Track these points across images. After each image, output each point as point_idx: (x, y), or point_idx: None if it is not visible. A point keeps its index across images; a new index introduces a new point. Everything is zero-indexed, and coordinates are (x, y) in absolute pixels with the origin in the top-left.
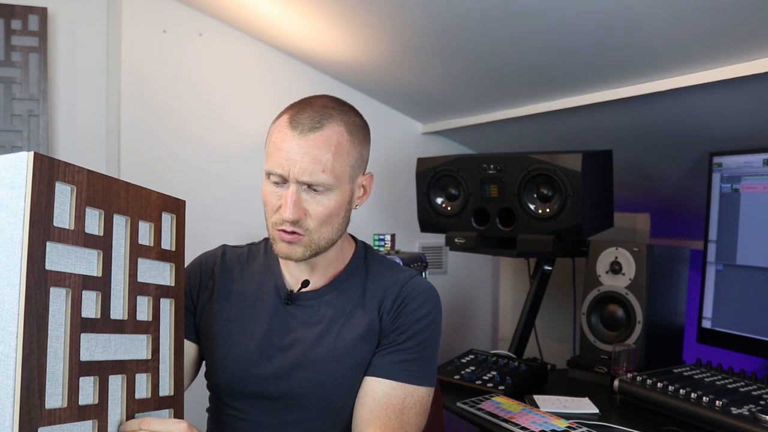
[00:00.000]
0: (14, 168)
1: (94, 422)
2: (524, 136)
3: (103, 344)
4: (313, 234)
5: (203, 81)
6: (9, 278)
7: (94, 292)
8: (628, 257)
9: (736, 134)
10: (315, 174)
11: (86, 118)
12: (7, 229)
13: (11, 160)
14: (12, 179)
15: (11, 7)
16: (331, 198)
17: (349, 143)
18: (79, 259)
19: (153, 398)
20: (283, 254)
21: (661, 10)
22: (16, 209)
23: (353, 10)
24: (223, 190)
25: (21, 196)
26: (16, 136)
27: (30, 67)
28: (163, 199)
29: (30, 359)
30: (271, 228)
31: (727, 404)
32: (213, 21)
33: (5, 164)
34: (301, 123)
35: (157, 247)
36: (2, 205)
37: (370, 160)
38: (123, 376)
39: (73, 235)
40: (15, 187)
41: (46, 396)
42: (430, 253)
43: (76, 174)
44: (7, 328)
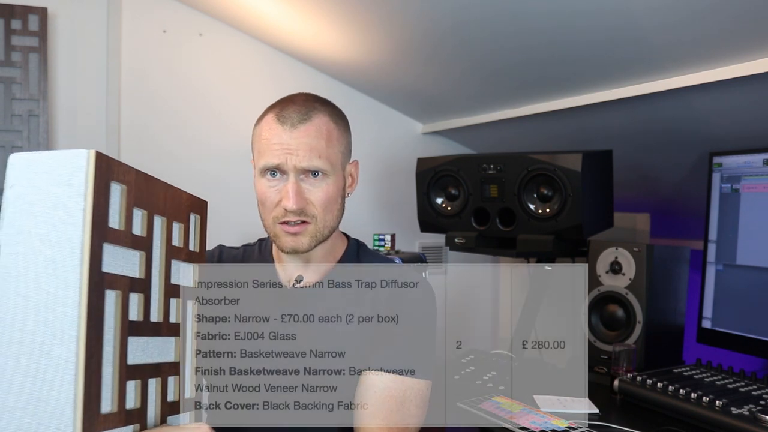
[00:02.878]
0: (72, 165)
1: (136, 426)
2: (524, 136)
3: (143, 347)
4: (318, 221)
5: (203, 81)
6: (68, 280)
7: (138, 294)
8: (628, 257)
9: (736, 134)
10: (313, 160)
11: (86, 118)
12: (65, 229)
13: (69, 158)
14: (69, 177)
15: (11, 7)
16: (329, 183)
17: (336, 131)
18: (125, 261)
19: (180, 401)
20: (289, 248)
21: (661, 10)
22: (74, 208)
23: (353, 10)
24: (223, 190)
25: (81, 195)
26: (16, 136)
27: (30, 67)
28: (192, 200)
29: (90, 363)
30: (272, 225)
31: (727, 404)
32: (213, 21)
33: (61, 161)
34: (290, 117)
35: (186, 248)
36: (59, 203)
37: (371, 160)
38: (158, 379)
39: (123, 236)
40: (73, 185)
41: (101, 401)
42: (430, 253)
43: (127, 173)
44: (67, 332)
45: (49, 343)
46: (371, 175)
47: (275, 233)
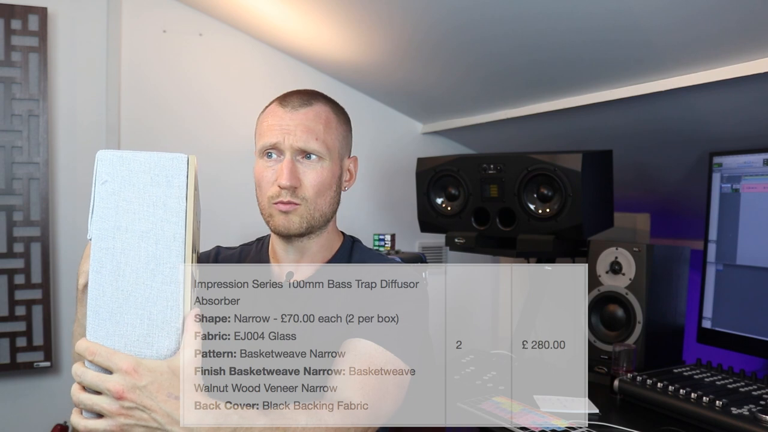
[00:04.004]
0: (172, 168)
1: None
2: (524, 136)
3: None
4: (309, 203)
5: (203, 81)
6: (171, 275)
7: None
8: (628, 257)
9: (736, 134)
10: (309, 141)
11: (86, 118)
12: (167, 228)
13: (167, 160)
14: (168, 178)
15: (11, 7)
16: (324, 167)
17: (336, 121)
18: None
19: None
20: (282, 226)
21: (661, 11)
22: (176, 208)
23: (353, 10)
24: (222, 189)
25: (182, 196)
26: (16, 136)
27: (30, 67)
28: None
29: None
30: (267, 205)
31: (727, 404)
32: (213, 21)
33: (159, 163)
34: (291, 102)
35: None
36: (159, 203)
37: (371, 159)
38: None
39: (197, 233)
40: (173, 186)
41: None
42: (430, 253)
43: (197, 177)
44: (173, 324)
45: (153, 335)
46: (371, 175)
47: (270, 213)
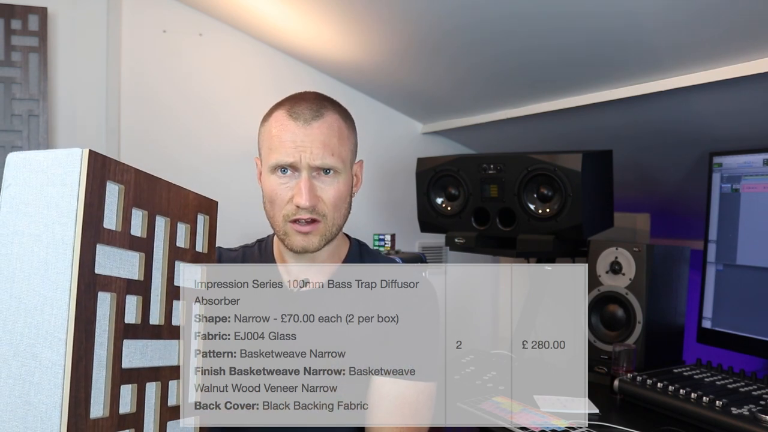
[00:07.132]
0: (66, 165)
1: (131, 431)
2: (524, 136)
3: (141, 350)
4: (328, 220)
5: (203, 81)
6: (58, 281)
7: (135, 296)
8: (628, 257)
9: (736, 134)
10: (326, 158)
11: (86, 118)
12: (57, 230)
13: (63, 157)
14: (63, 176)
15: (11, 7)
16: (340, 182)
17: (347, 130)
18: (123, 262)
19: (182, 405)
20: (300, 247)
21: (661, 11)
22: (67, 209)
23: (353, 10)
24: (222, 190)
25: (73, 195)
26: (16, 136)
27: (30, 67)
28: (199, 200)
29: (78, 367)
30: (283, 222)
31: (727, 404)
32: (213, 21)
33: (56, 160)
34: (302, 114)
35: (192, 249)
36: (52, 203)
37: (371, 159)
38: (158, 383)
39: (120, 237)
40: (66, 185)
41: (91, 405)
42: (430, 253)
43: (125, 173)
44: (55, 334)
45: (38, 345)
46: (371, 175)
47: (285, 231)
